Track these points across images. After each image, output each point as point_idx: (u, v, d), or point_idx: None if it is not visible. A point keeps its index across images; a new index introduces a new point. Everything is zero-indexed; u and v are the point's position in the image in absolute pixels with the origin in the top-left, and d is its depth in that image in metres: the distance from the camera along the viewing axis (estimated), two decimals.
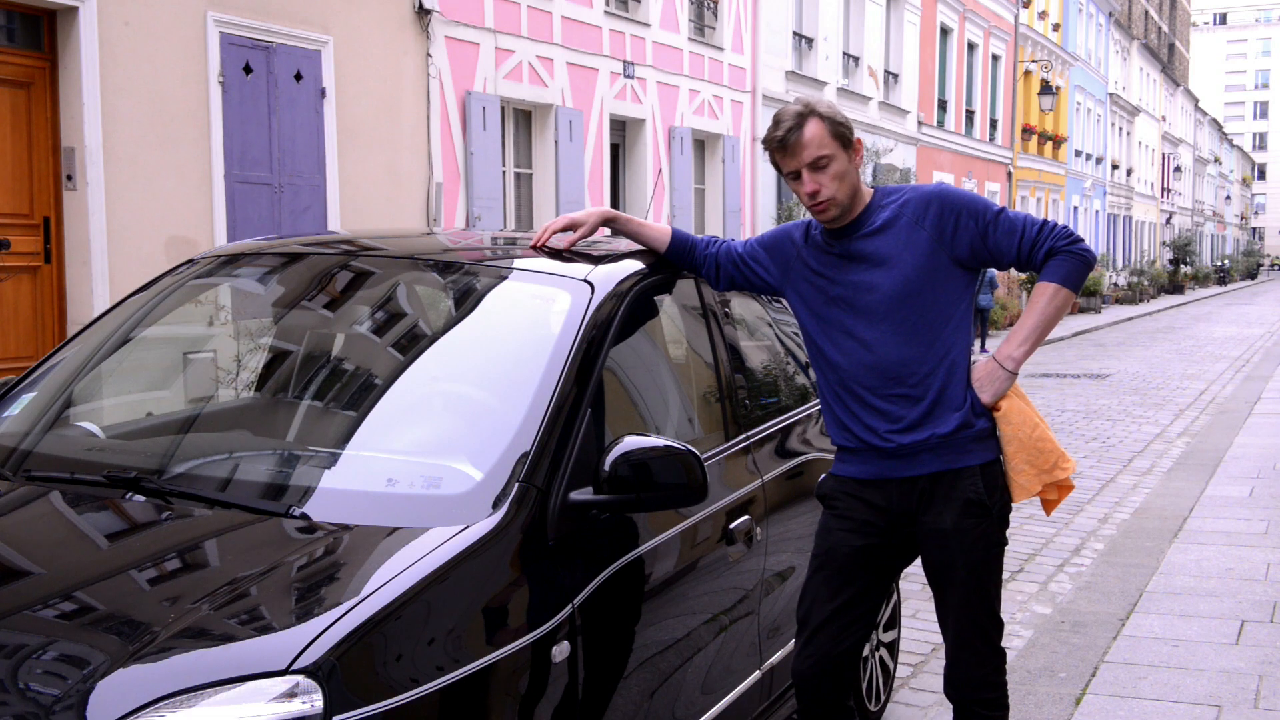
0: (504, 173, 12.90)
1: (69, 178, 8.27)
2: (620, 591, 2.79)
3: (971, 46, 28.89)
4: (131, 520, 2.68)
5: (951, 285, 3.04)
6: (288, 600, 2.33)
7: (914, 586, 5.68)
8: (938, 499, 3.03)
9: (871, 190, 3.14)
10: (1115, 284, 39.04)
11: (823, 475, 3.28)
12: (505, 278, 3.36)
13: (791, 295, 3.22)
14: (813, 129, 3.00)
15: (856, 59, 22.01)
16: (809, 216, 3.17)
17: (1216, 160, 75.98)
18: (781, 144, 3.02)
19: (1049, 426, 3.08)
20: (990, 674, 3.14)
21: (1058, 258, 3.02)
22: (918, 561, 3.20)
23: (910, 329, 3.01)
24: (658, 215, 15.38)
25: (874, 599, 3.17)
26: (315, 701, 2.07)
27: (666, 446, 2.71)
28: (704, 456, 2.89)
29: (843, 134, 3.03)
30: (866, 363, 3.04)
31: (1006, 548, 3.17)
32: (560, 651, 2.52)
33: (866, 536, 3.10)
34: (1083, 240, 3.06)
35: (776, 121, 3.05)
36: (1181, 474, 9.01)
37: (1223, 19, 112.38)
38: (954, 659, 3.16)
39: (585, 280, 3.11)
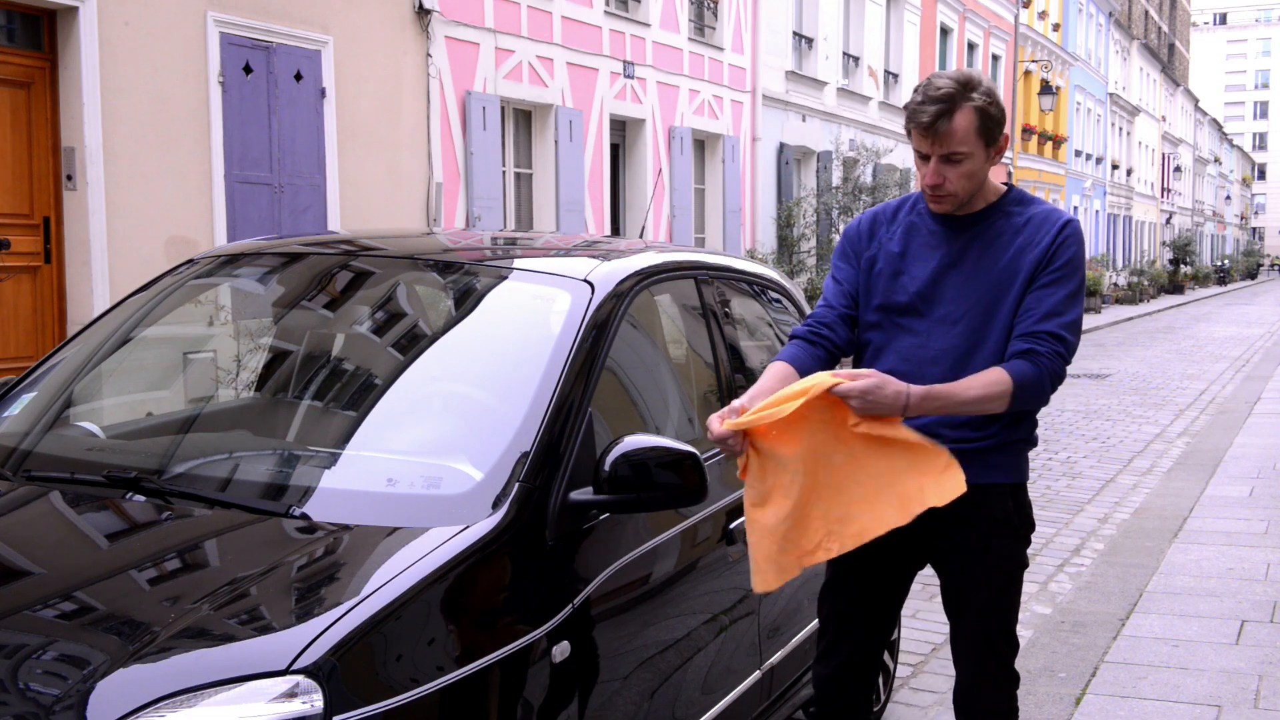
0: (504, 173, 12.90)
1: (69, 178, 8.27)
2: (620, 591, 2.79)
3: (971, 46, 28.90)
4: (131, 520, 2.68)
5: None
6: (288, 600, 2.33)
7: (914, 586, 5.67)
8: (962, 517, 2.83)
9: (1003, 188, 2.94)
10: (1115, 284, 39.05)
11: None
12: (505, 278, 3.36)
13: (863, 291, 3.02)
14: (962, 120, 2.75)
15: (856, 59, 22.01)
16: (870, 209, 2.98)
17: (1216, 160, 75.99)
18: (924, 127, 2.76)
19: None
20: (1005, 700, 3.02)
21: (1033, 360, 2.77)
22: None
23: (979, 343, 2.86)
24: (658, 215, 15.38)
25: (892, 606, 3.10)
26: (315, 701, 2.07)
27: (666, 446, 2.71)
28: (704, 456, 2.89)
29: (990, 130, 2.79)
30: (925, 373, 2.86)
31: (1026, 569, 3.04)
32: (560, 651, 2.52)
33: (877, 549, 2.89)
34: (1063, 362, 2.81)
35: (927, 95, 2.76)
36: (1181, 474, 9.01)
37: (1223, 19, 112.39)
38: (968, 686, 3.01)
39: (585, 280, 3.11)
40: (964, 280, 2.89)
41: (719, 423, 2.66)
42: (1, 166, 7.98)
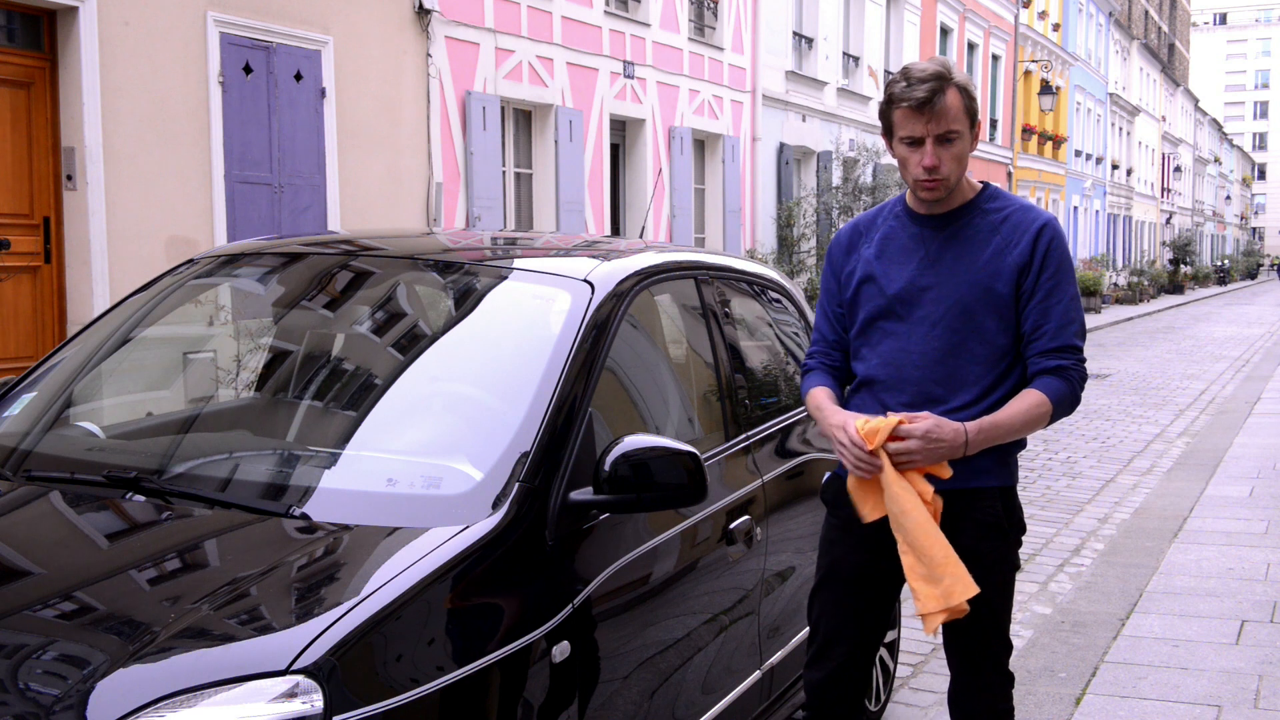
0: (504, 173, 12.90)
1: (69, 178, 8.27)
2: (620, 591, 2.79)
3: (971, 46, 28.89)
4: (131, 520, 2.68)
5: (1011, 316, 2.89)
6: (288, 600, 2.33)
7: None
8: (951, 520, 2.85)
9: (979, 186, 2.96)
10: (1115, 284, 39.04)
11: (827, 474, 3.22)
12: (505, 278, 3.36)
13: (848, 304, 3.04)
14: (953, 98, 2.77)
15: (856, 59, 22.01)
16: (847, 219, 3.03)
17: (1216, 160, 75.99)
18: (921, 105, 2.75)
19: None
20: (1000, 700, 3.03)
21: (1064, 376, 2.84)
22: None
23: (960, 344, 2.87)
24: (658, 215, 15.38)
25: (883, 610, 3.08)
26: (315, 701, 2.07)
27: (666, 446, 2.71)
28: (704, 456, 2.89)
29: (973, 111, 2.82)
30: (907, 376, 2.90)
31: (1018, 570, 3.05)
32: (560, 651, 2.52)
33: (868, 551, 2.95)
34: (1085, 366, 2.88)
35: (911, 79, 2.77)
36: (1181, 474, 9.01)
37: (1223, 19, 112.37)
38: (963, 687, 3.04)
39: (585, 280, 3.11)
40: (943, 280, 2.90)
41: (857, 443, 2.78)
42: (1, 166, 7.98)
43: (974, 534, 2.89)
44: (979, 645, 2.99)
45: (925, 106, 2.77)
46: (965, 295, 2.87)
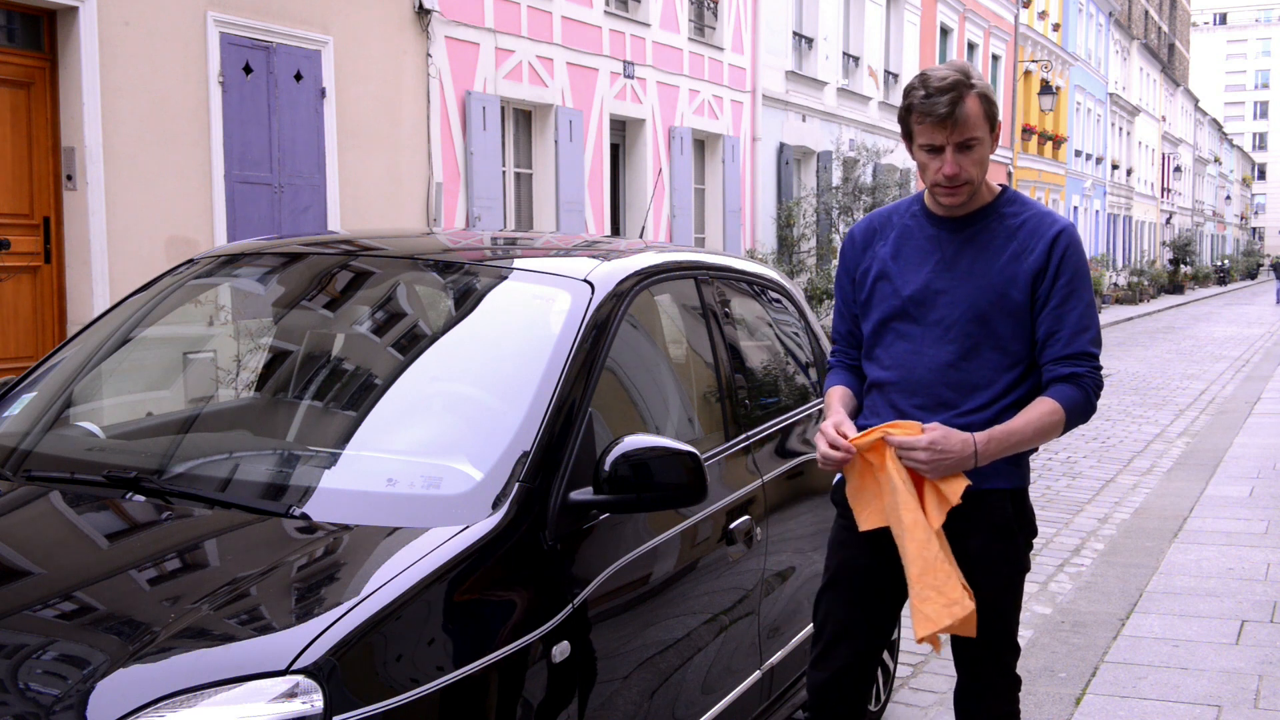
0: (504, 173, 12.90)
1: (69, 178, 8.27)
2: (620, 591, 2.79)
3: (971, 46, 28.89)
4: (131, 520, 2.68)
5: (1026, 322, 2.87)
6: (288, 600, 2.33)
7: None
8: (961, 522, 2.84)
9: (997, 189, 2.96)
10: (1115, 284, 39.03)
11: (838, 476, 3.19)
12: (505, 278, 3.36)
13: (862, 303, 3.04)
14: (973, 106, 2.76)
15: (856, 59, 22.01)
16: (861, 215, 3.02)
17: (1216, 160, 75.99)
18: (943, 117, 2.74)
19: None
20: (1006, 704, 3.01)
21: (1078, 383, 2.82)
22: None
23: (974, 349, 2.86)
24: (658, 215, 15.38)
25: (887, 613, 3.07)
26: (315, 701, 2.07)
27: (666, 446, 2.71)
28: (704, 456, 2.88)
29: (992, 115, 2.82)
30: (919, 379, 2.89)
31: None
32: (560, 651, 2.52)
33: (876, 553, 2.93)
34: (1101, 374, 2.87)
35: (930, 87, 2.76)
36: (1181, 474, 9.01)
37: (1223, 19, 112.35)
38: (968, 690, 3.02)
39: (585, 280, 3.11)
40: (958, 284, 2.89)
41: (839, 439, 2.81)
42: (1, 166, 7.98)
43: (983, 535, 2.89)
44: (985, 648, 2.97)
45: (948, 118, 2.76)
46: (980, 301, 2.86)
